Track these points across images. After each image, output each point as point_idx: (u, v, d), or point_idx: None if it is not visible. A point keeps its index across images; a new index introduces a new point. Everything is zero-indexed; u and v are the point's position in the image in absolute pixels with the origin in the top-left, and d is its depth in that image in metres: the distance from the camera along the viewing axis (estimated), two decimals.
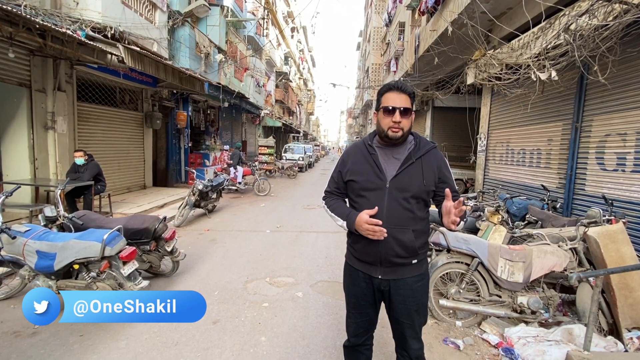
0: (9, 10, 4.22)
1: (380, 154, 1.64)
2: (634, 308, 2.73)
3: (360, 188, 1.62)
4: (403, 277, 1.61)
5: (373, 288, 1.66)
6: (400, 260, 1.58)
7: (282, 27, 23.84)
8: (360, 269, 1.67)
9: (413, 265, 1.62)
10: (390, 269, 1.60)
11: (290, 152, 19.86)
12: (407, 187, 1.56)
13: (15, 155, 5.83)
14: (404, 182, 1.57)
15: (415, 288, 1.63)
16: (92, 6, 6.17)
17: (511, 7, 6.06)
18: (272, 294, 3.55)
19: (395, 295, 1.63)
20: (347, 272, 1.76)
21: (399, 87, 1.57)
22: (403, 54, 13.20)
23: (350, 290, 1.74)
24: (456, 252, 3.03)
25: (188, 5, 9.73)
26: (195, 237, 5.60)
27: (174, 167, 10.84)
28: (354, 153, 1.70)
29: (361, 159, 1.65)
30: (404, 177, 1.57)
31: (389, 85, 1.60)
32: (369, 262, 1.63)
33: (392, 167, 1.60)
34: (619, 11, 3.40)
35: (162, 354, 2.49)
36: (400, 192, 1.56)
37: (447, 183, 1.62)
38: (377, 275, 1.62)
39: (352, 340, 1.78)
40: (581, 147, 4.81)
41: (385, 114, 1.57)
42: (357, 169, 1.64)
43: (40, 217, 3.38)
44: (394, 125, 1.55)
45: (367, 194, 1.60)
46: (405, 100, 1.56)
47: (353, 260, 1.71)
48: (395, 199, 1.55)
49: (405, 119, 1.55)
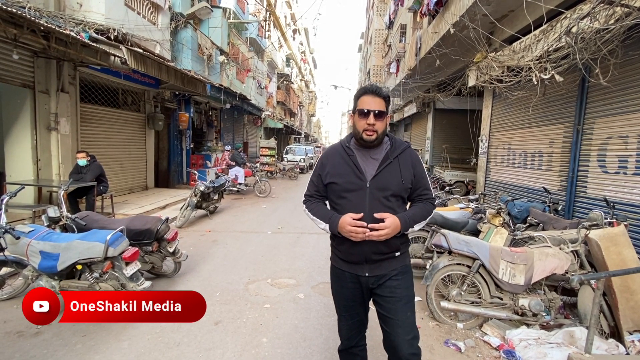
0: (13, 13, 4.26)
1: (359, 155, 1.67)
2: (635, 311, 2.72)
3: (341, 190, 1.64)
4: (388, 272, 1.66)
5: (361, 287, 1.69)
6: (384, 255, 1.63)
7: (284, 29, 23.91)
8: (347, 270, 1.69)
9: (397, 258, 1.67)
10: (376, 264, 1.64)
11: (291, 154, 19.85)
12: (387, 185, 1.60)
13: (19, 156, 5.86)
14: (384, 181, 1.60)
15: (402, 279, 1.67)
16: (96, 8, 6.21)
17: (513, 10, 6.08)
18: (273, 295, 3.56)
19: (383, 288, 1.66)
20: (334, 274, 1.78)
21: (373, 91, 1.60)
22: (404, 56, 13.22)
23: (339, 292, 1.76)
24: (457, 254, 3.03)
25: (190, 7, 9.77)
26: (197, 238, 5.61)
27: (176, 168, 10.87)
28: (332, 156, 1.73)
29: (340, 161, 1.68)
30: (384, 176, 1.61)
31: (364, 89, 1.64)
32: (354, 262, 1.66)
33: (371, 167, 1.63)
34: (621, 14, 3.41)
35: (164, 355, 2.50)
36: (381, 191, 1.59)
37: (421, 181, 1.69)
38: (364, 274, 1.65)
39: (346, 343, 1.80)
40: (583, 150, 4.81)
41: (361, 117, 1.61)
42: (337, 171, 1.66)
43: (44, 217, 3.40)
44: (368, 128, 1.59)
45: (348, 195, 1.62)
46: (379, 103, 1.59)
47: (339, 262, 1.73)
48: (376, 198, 1.59)
49: (380, 121, 1.59)
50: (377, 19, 25.69)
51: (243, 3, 14.92)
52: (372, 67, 28.13)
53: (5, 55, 5.16)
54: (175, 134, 10.73)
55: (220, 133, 14.88)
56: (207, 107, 13.20)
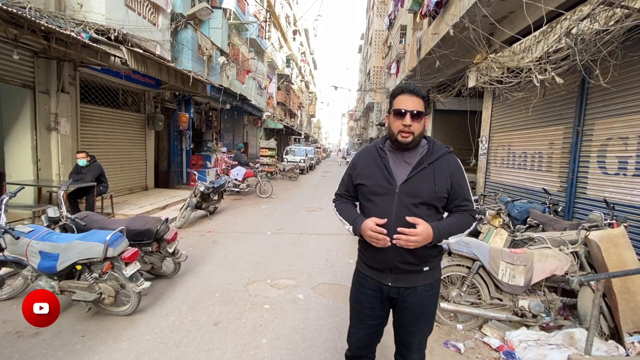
0: (14, 13, 4.26)
1: (391, 158, 1.59)
2: (635, 312, 2.72)
3: (369, 192, 1.58)
4: (414, 286, 1.56)
5: (381, 297, 1.61)
6: (410, 267, 1.54)
7: (284, 30, 23.93)
8: (370, 276, 1.62)
9: (424, 273, 1.57)
10: (401, 276, 1.55)
11: (291, 154, 19.88)
12: (418, 192, 1.50)
13: (19, 156, 5.86)
14: (415, 187, 1.51)
15: (425, 297, 1.58)
16: (96, 9, 6.22)
17: (513, 11, 6.08)
18: (273, 296, 3.56)
19: (403, 302, 1.59)
20: (356, 278, 1.71)
21: (411, 90, 1.52)
22: (404, 56, 13.23)
23: (357, 297, 1.69)
24: (457, 255, 3.03)
25: (191, 7, 9.78)
26: (197, 239, 5.61)
27: (176, 169, 10.87)
28: (364, 156, 1.67)
29: (371, 163, 1.61)
30: (415, 182, 1.52)
31: (401, 88, 1.55)
32: (378, 269, 1.58)
33: (403, 171, 1.55)
34: (621, 16, 3.41)
35: (163, 355, 2.49)
36: (410, 198, 1.50)
37: (459, 190, 1.55)
38: (387, 283, 1.57)
39: (354, 351, 1.74)
40: (583, 151, 4.81)
41: (396, 117, 1.52)
42: (367, 172, 1.60)
43: (44, 217, 3.41)
44: (404, 129, 1.50)
45: (375, 199, 1.55)
46: (417, 103, 1.50)
47: (363, 266, 1.67)
48: (404, 204, 1.50)
49: (417, 122, 1.50)
50: (377, 19, 25.73)
51: (243, 4, 14.94)
52: (372, 68, 28.18)
53: (5, 56, 5.16)
54: (175, 135, 10.74)
55: (220, 133, 14.88)
56: (207, 107, 13.22)
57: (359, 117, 46.89)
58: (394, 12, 15.73)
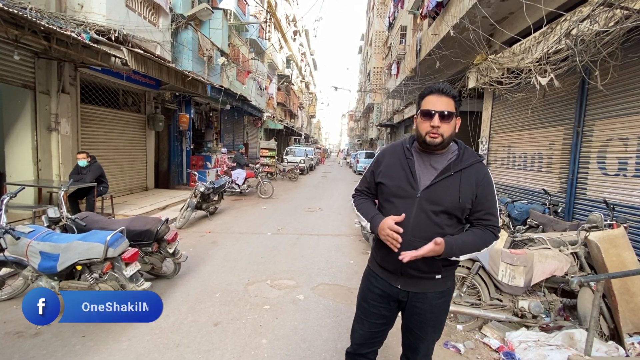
0: (14, 14, 4.27)
1: (418, 161, 1.52)
2: (635, 313, 2.72)
3: (389, 193, 1.53)
4: (424, 292, 1.52)
5: (388, 299, 1.58)
6: (422, 274, 1.50)
7: (284, 31, 23.96)
8: (380, 275, 1.60)
9: (436, 281, 1.52)
10: (411, 280, 1.52)
11: (291, 155, 19.88)
12: (440, 200, 1.44)
13: (19, 156, 5.87)
14: (437, 195, 1.44)
15: (435, 304, 1.53)
16: (97, 9, 6.23)
17: (512, 12, 6.09)
18: (273, 297, 3.56)
19: (412, 307, 1.56)
20: (366, 274, 1.69)
21: (440, 90, 1.45)
22: (405, 57, 13.24)
23: (364, 292, 1.67)
24: None
25: (191, 8, 9.80)
26: (197, 239, 5.61)
27: (176, 169, 10.87)
28: (390, 155, 1.60)
29: (396, 163, 1.55)
30: (438, 189, 1.45)
31: (430, 88, 1.49)
32: (389, 270, 1.56)
33: (428, 176, 1.48)
34: (620, 17, 3.42)
35: (163, 356, 2.50)
36: (431, 205, 1.44)
37: (484, 203, 1.46)
38: (397, 285, 1.54)
39: (355, 347, 1.71)
40: (583, 152, 4.81)
41: (424, 118, 1.45)
42: (390, 172, 1.54)
43: (44, 218, 3.41)
44: (432, 131, 1.43)
45: (395, 201, 1.50)
46: (447, 103, 1.44)
47: (375, 265, 1.65)
48: (425, 210, 1.44)
49: (446, 124, 1.43)
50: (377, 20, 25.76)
51: (244, 4, 14.97)
52: (372, 69, 28.20)
53: (6, 56, 5.17)
54: (175, 135, 10.75)
55: (220, 134, 14.89)
56: (208, 108, 13.23)
57: (359, 118, 46.93)
58: (393, 14, 15.76)
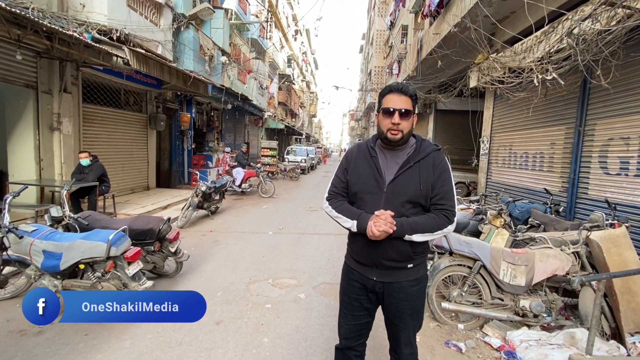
0: (17, 13, 4.28)
1: (381, 158, 1.63)
2: (636, 312, 2.72)
3: (358, 190, 1.62)
4: (398, 281, 1.60)
5: (367, 290, 1.65)
6: (395, 264, 1.58)
7: (285, 30, 23.95)
8: (356, 269, 1.67)
9: (409, 270, 1.60)
10: (386, 271, 1.60)
11: (292, 154, 19.88)
12: (403, 191, 1.54)
13: (22, 155, 5.89)
14: (401, 186, 1.55)
15: (410, 292, 1.61)
16: (98, 9, 6.24)
17: (514, 11, 6.08)
18: (274, 296, 3.57)
19: (389, 297, 1.63)
20: (344, 271, 1.77)
21: (399, 89, 1.56)
22: (406, 57, 13.23)
23: (345, 288, 1.74)
24: (458, 255, 3.03)
25: (192, 8, 9.80)
26: (199, 238, 5.62)
27: (177, 169, 10.89)
28: (356, 154, 1.70)
29: (363, 161, 1.65)
30: (401, 181, 1.56)
31: (390, 87, 1.60)
32: (364, 264, 1.64)
33: (391, 171, 1.59)
34: (622, 16, 3.42)
35: (165, 354, 2.51)
36: (397, 197, 1.54)
37: (439, 188, 1.54)
38: (372, 277, 1.62)
39: (343, 342, 1.76)
40: (584, 151, 4.81)
41: (385, 116, 1.57)
42: (358, 171, 1.64)
43: (47, 217, 3.42)
44: (392, 127, 1.54)
45: (365, 197, 1.60)
46: (405, 101, 1.55)
47: (351, 260, 1.72)
48: (392, 203, 1.54)
49: (405, 121, 1.54)
50: (378, 20, 25.73)
51: (245, 4, 14.97)
52: (373, 68, 28.17)
53: (8, 56, 5.19)
54: (176, 135, 10.77)
55: (221, 133, 14.91)
56: (209, 107, 13.24)
57: (360, 117, 46.87)
58: (394, 13, 15.74)
